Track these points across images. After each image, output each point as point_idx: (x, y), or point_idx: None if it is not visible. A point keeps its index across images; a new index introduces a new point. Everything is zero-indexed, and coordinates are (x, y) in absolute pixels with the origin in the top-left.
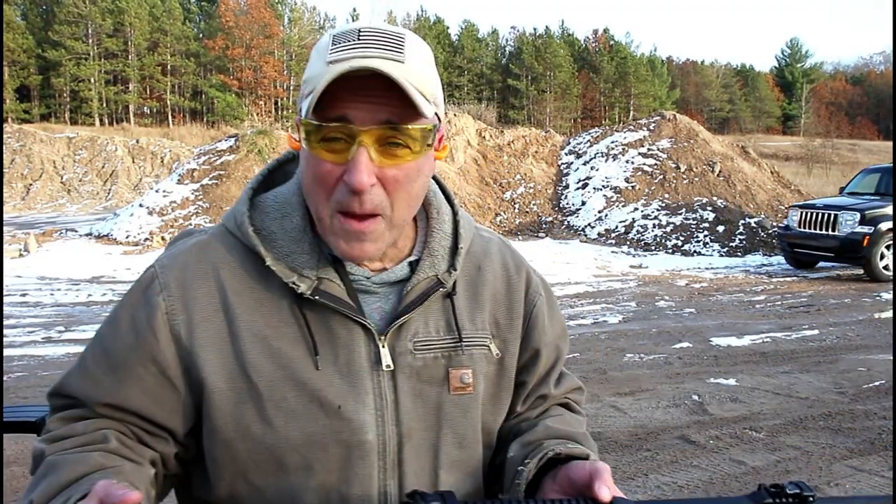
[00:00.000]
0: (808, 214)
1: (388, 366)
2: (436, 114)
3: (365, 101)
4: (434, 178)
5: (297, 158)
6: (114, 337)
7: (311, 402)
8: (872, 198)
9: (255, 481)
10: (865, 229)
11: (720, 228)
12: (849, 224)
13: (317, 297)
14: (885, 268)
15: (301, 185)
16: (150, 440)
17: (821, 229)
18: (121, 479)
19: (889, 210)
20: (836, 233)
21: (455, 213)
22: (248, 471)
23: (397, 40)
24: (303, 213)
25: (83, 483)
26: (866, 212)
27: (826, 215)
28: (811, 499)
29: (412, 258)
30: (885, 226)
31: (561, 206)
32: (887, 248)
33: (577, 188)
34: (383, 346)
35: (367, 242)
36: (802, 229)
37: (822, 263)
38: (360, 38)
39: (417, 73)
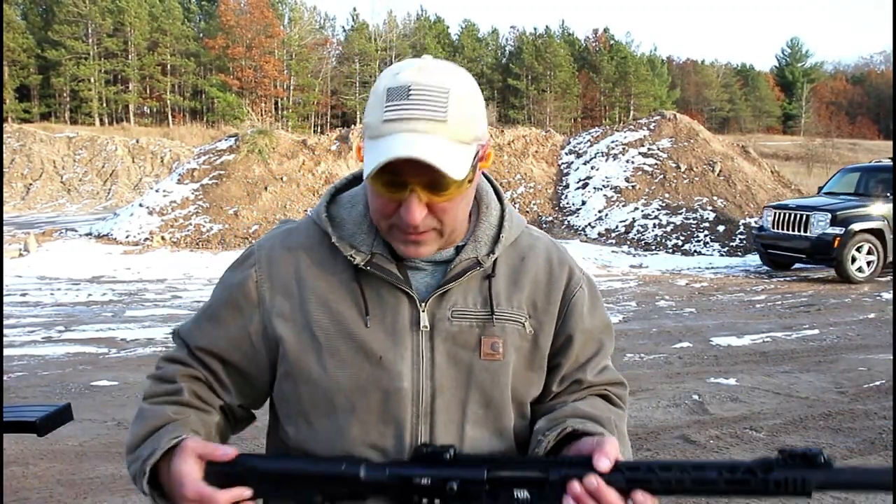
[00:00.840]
0: (782, 215)
1: (425, 327)
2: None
3: (413, 162)
4: (488, 179)
5: None
6: (217, 294)
7: (359, 353)
8: (848, 198)
9: (312, 420)
10: (836, 230)
11: (720, 228)
12: (820, 225)
13: (369, 268)
14: (858, 270)
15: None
16: (220, 390)
17: (793, 230)
18: (186, 428)
19: (863, 211)
20: (808, 234)
21: (503, 209)
22: (308, 411)
23: (442, 97)
24: (366, 203)
25: (159, 438)
26: (838, 212)
27: (798, 216)
28: (821, 459)
29: (459, 244)
30: (857, 226)
31: (561, 205)
32: (858, 249)
33: (578, 188)
34: (423, 311)
35: (422, 246)
36: (776, 230)
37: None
38: (410, 97)
39: (458, 126)
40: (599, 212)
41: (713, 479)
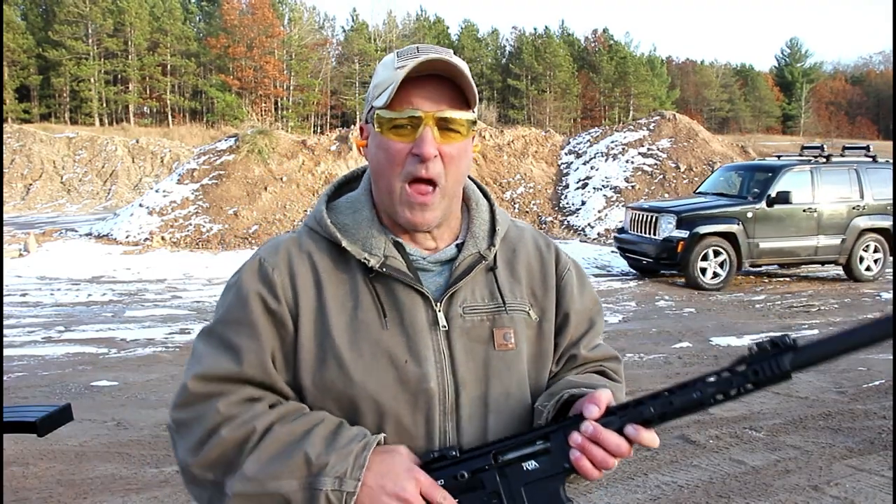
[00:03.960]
0: (638, 216)
1: (443, 326)
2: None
3: (426, 93)
4: (472, 179)
5: (357, 178)
6: (246, 310)
7: (382, 357)
8: (717, 199)
9: None
10: (680, 233)
11: None
12: (668, 227)
13: (384, 270)
14: (706, 275)
15: (368, 185)
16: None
17: (646, 232)
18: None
19: (715, 212)
20: (656, 236)
21: (491, 205)
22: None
23: (449, 55)
24: (370, 208)
25: (355, 435)
26: (683, 214)
27: (650, 217)
28: (788, 341)
29: (458, 241)
30: (704, 230)
31: (561, 205)
32: (714, 253)
33: (577, 188)
34: (439, 311)
35: (428, 211)
36: (633, 232)
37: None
38: (420, 51)
39: (461, 66)
40: (599, 212)
41: (699, 389)
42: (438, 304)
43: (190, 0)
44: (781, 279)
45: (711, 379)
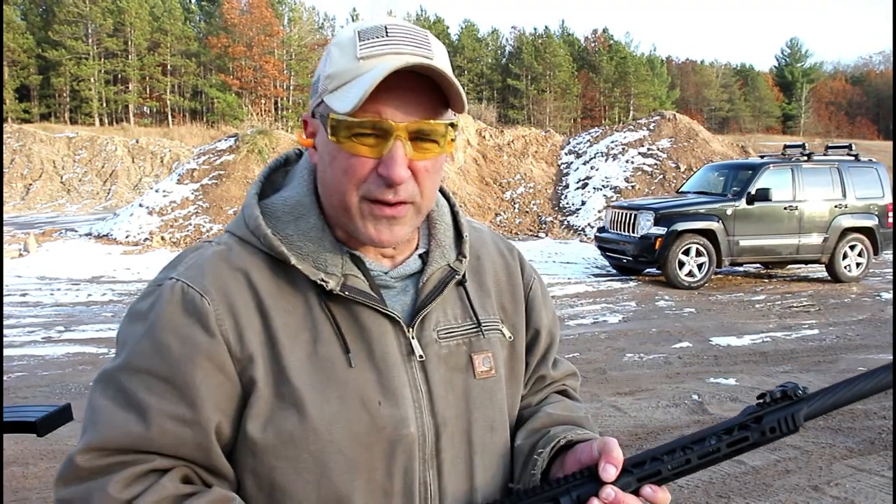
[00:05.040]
0: (618, 215)
1: (420, 356)
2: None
3: (399, 99)
4: None
5: (286, 163)
6: (163, 356)
7: (353, 400)
8: (697, 196)
9: (296, 492)
10: (658, 230)
11: None
12: (646, 224)
13: (346, 293)
14: (686, 274)
15: (313, 184)
16: (213, 481)
17: (625, 231)
18: None
19: (693, 210)
20: (635, 234)
21: (452, 205)
22: (292, 482)
23: (423, 37)
24: (318, 214)
25: None
26: (660, 212)
27: (629, 215)
28: (799, 393)
29: (420, 251)
30: (682, 227)
31: (561, 205)
32: (685, 252)
33: (577, 188)
34: (412, 338)
35: (396, 226)
36: (613, 231)
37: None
38: (389, 34)
39: (444, 69)
40: (599, 212)
41: (716, 447)
42: (410, 329)
43: (190, 0)
44: (781, 279)
45: (725, 433)
